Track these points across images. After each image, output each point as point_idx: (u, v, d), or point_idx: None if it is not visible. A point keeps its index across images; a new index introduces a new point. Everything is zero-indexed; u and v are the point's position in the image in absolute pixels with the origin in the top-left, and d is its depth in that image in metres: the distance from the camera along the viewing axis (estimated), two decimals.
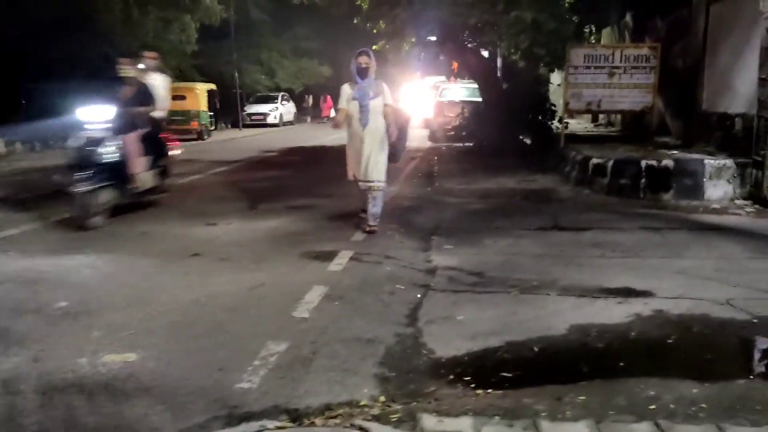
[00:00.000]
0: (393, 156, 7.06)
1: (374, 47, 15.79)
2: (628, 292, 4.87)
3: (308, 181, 11.23)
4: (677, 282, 5.11)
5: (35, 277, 5.27)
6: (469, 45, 14.10)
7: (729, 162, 8.70)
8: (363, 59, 6.69)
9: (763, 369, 3.59)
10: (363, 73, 6.71)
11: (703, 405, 3.02)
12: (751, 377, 3.39)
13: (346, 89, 6.86)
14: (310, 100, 42.42)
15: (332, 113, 45.43)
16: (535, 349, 3.86)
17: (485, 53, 19.55)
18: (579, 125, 19.39)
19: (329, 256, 5.79)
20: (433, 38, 15.55)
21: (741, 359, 3.74)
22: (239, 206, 8.53)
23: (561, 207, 8.51)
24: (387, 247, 6.18)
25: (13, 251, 6.15)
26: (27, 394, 3.20)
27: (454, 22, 11.70)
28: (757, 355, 3.85)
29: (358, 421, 2.80)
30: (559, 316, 4.36)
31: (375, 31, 15.50)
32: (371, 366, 3.53)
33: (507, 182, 10.45)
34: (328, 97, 38.11)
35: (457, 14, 11.31)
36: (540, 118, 14.48)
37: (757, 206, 8.12)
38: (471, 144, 16.43)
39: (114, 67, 8.08)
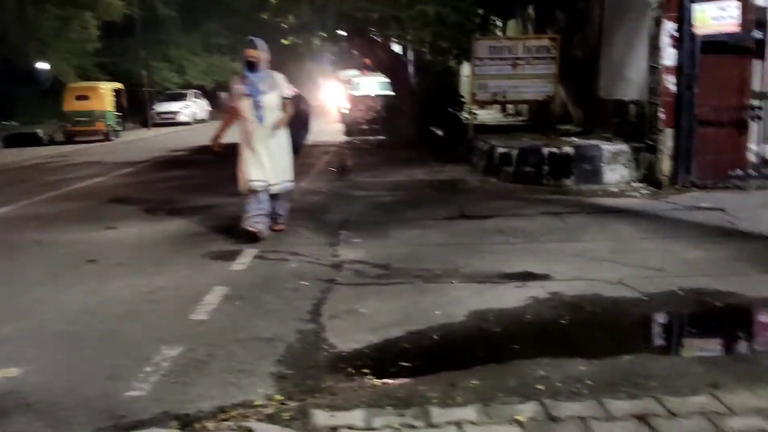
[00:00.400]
0: (294, 149, 6.64)
1: (285, 42, 15.64)
2: (526, 277, 5.01)
3: (215, 180, 10.92)
4: (574, 264, 5.30)
5: None
6: (376, 39, 14.15)
7: (624, 147, 9.09)
8: (249, 52, 6.14)
9: (648, 344, 3.77)
10: (252, 66, 6.16)
11: (589, 382, 3.13)
12: (637, 353, 3.53)
13: (235, 85, 6.34)
14: (224, 97, 41.61)
15: None
16: (435, 337, 3.91)
17: (397, 47, 19.71)
18: (489, 116, 19.80)
19: (232, 255, 5.69)
20: (342, 33, 15.56)
21: (628, 336, 3.91)
22: (141, 208, 8.25)
23: (468, 196, 8.68)
24: (293, 244, 6.12)
25: None
26: None
27: (358, 16, 11.71)
28: (643, 331, 4.05)
29: (246, 423, 2.74)
30: (459, 304, 4.44)
31: (284, 25, 15.31)
32: (269, 365, 3.48)
33: (417, 174, 10.57)
34: None
35: (361, 9, 11.32)
36: (450, 109, 14.72)
37: (651, 188, 8.52)
38: (384, 137, 16.56)
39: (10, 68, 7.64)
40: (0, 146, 20.48)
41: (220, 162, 13.80)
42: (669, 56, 8.29)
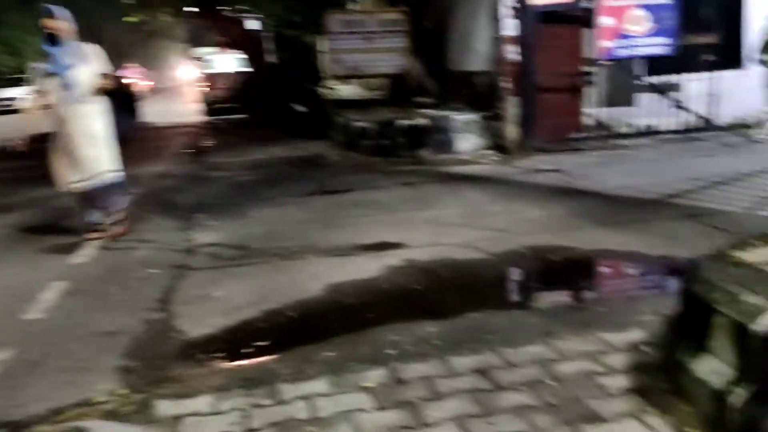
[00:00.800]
0: (122, 137, 5.86)
1: (128, 19, 14.77)
2: (382, 246, 5.09)
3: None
4: (427, 231, 5.45)
5: None
6: (229, 15, 13.70)
7: (474, 116, 9.43)
8: (47, 22, 5.24)
9: (492, 301, 3.95)
10: (53, 39, 5.28)
11: (437, 342, 3.24)
12: (482, 310, 3.70)
13: (38, 66, 5.50)
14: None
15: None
16: (290, 314, 3.88)
17: (255, 23, 19.19)
18: (350, 90, 19.86)
19: (73, 247, 5.32)
20: (191, 9, 14.93)
21: (476, 295, 4.07)
22: None
23: (328, 172, 8.68)
24: (142, 231, 5.84)
25: None
26: None
27: None
28: (489, 290, 4.23)
29: (82, 422, 2.59)
30: (316, 278, 4.43)
31: (127, 1, 14.46)
32: (112, 359, 3.30)
33: (278, 151, 10.41)
34: None
35: None
36: (310, 85, 14.60)
37: (499, 154, 8.91)
38: (243, 115, 16.16)
39: None
40: None
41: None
42: (509, 27, 8.66)
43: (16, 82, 29.91)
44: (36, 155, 5.72)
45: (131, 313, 3.90)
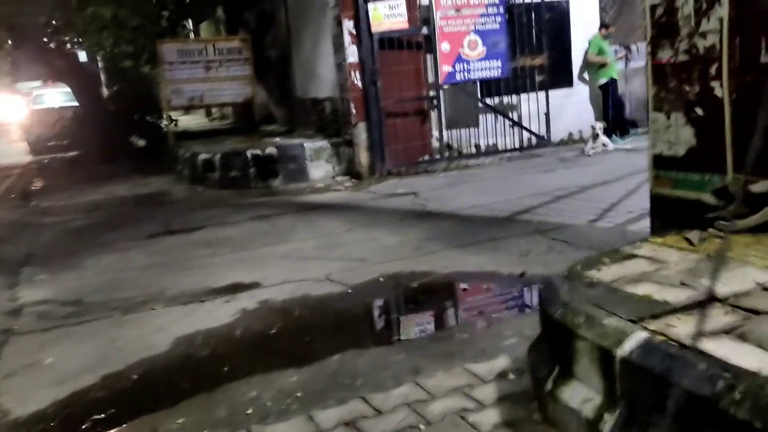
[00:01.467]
0: None
1: None
2: (235, 288, 4.80)
3: None
4: (282, 267, 5.21)
5: None
6: (50, 47, 12.68)
7: (325, 143, 9.34)
8: None
9: (354, 339, 3.78)
10: None
11: (299, 393, 3.02)
12: (344, 350, 3.52)
13: None
14: None
15: None
16: (135, 376, 3.49)
17: (82, 54, 17.96)
18: (194, 121, 19.15)
19: None
20: (16, 42, 13.68)
21: (337, 334, 3.89)
22: None
23: (173, 209, 8.20)
24: None
25: None
26: None
27: (23, 22, 10.33)
28: (350, 327, 4.07)
29: None
30: (163, 331, 4.06)
31: None
32: None
33: (117, 190, 9.72)
34: None
35: (25, 13, 9.99)
36: (148, 117, 13.84)
37: (353, 180, 8.87)
38: (76, 153, 14.99)
39: None
40: None
41: None
42: (351, 53, 8.68)
43: None
44: None
45: None
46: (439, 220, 6.41)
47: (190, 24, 17.11)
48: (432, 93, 9.23)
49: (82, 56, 17.87)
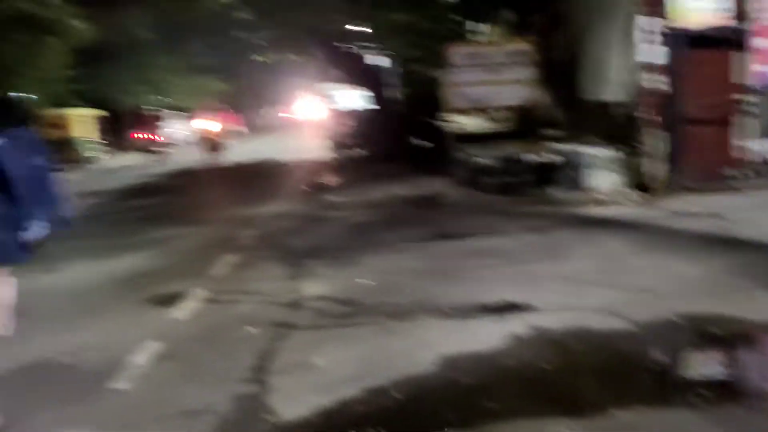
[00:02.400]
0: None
1: (260, 58, 15.13)
2: (505, 308, 4.45)
3: (181, 208, 10.41)
4: (559, 290, 4.74)
5: None
6: (351, 52, 13.63)
7: (611, 151, 8.54)
8: None
9: (643, 392, 3.18)
10: None
11: None
12: (631, 406, 2.96)
13: None
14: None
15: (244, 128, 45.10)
16: (397, 395, 3.33)
17: (385, 60, 19.17)
18: (474, 123, 19.30)
19: (175, 299, 5.06)
20: (315, 47, 15.06)
21: (621, 382, 3.32)
22: (93, 244, 7.58)
23: (448, 212, 8.16)
24: (248, 280, 5.53)
25: None
26: None
27: (325, 29, 11.18)
28: (638, 376, 3.44)
29: None
30: (428, 347, 3.87)
31: (261, 42, 14.81)
32: None
33: (396, 190, 10.01)
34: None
35: (326, 21, 10.79)
36: (431, 119, 14.18)
37: (640, 194, 7.97)
38: (366, 152, 16.01)
39: None
40: None
41: (189, 189, 13.33)
42: (653, 54, 7.77)
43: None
44: (173, 191, 5.57)
45: (221, 386, 3.49)
46: (748, 250, 5.38)
47: (478, 26, 17.19)
48: (742, 97, 7.88)
49: (386, 62, 19.02)
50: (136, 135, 30.33)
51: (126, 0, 14.06)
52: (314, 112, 33.53)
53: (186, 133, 33.77)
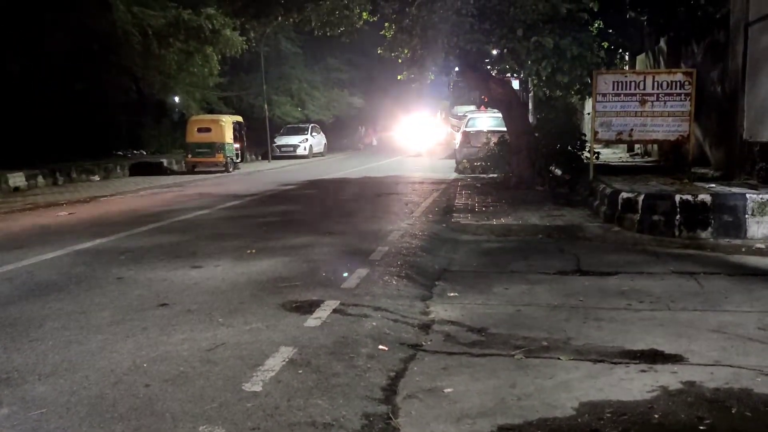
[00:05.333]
0: None
1: (399, 77, 15.36)
2: (654, 357, 4.10)
3: (316, 217, 10.64)
4: (713, 343, 4.31)
5: None
6: (491, 73, 13.46)
7: None
8: None
9: None
10: None
11: None
12: None
13: None
14: (362, 131, 45.73)
15: (374, 141, 46.79)
16: None
17: (515, 82, 18.91)
18: (614, 155, 18.54)
19: (310, 307, 5.10)
20: (455, 68, 15.01)
21: None
22: (234, 245, 7.91)
23: (586, 247, 7.75)
24: (380, 296, 5.47)
25: None
26: None
27: (471, 50, 11.07)
28: None
29: None
30: (567, 390, 3.62)
31: (400, 60, 15.03)
32: None
33: (530, 218, 9.67)
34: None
35: (473, 41, 10.68)
36: (570, 148, 13.71)
37: None
38: (496, 176, 15.77)
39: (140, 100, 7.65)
40: (126, 174, 21.46)
41: (323, 198, 13.65)
42: None
43: (299, 131, 33.45)
44: (310, 201, 5.66)
45: (351, 402, 3.43)
46: None
47: (625, 55, 16.51)
48: None
49: (515, 84, 18.76)
50: (276, 143, 31.76)
51: (277, 13, 14.65)
52: (442, 132, 33.65)
53: (321, 145, 35.02)
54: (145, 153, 25.78)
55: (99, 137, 22.32)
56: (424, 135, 34.41)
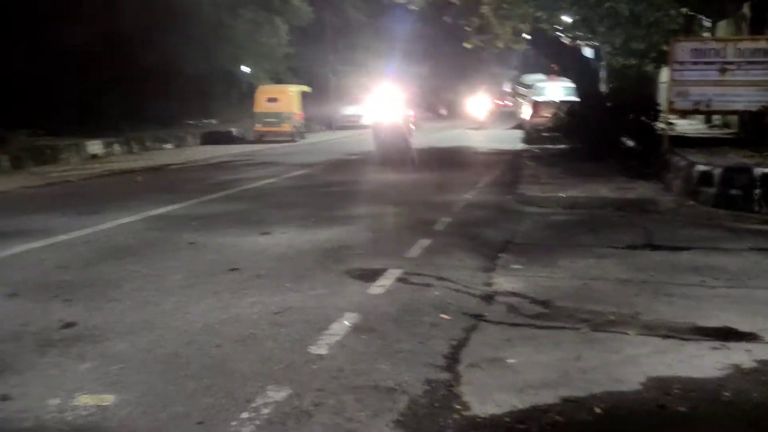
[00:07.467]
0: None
1: (467, 45, 15.13)
2: (727, 335, 3.97)
3: (380, 186, 10.69)
4: None
5: (56, 284, 5.02)
6: (563, 42, 13.08)
7: None
8: None
9: None
10: None
11: None
12: None
13: None
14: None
15: (442, 111, 46.56)
16: (598, 410, 3.08)
17: (588, 51, 18.32)
18: (690, 126, 17.80)
19: (374, 275, 5.17)
20: (526, 35, 14.66)
21: None
22: (300, 213, 8.06)
23: (658, 221, 7.52)
24: (443, 266, 5.48)
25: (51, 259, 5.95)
26: None
27: (542, 17, 10.78)
28: None
29: None
30: (634, 365, 3.55)
31: (468, 28, 14.80)
32: (383, 425, 2.88)
33: (599, 190, 9.44)
34: None
35: (544, 8, 10.39)
36: (643, 119, 13.23)
37: None
38: (566, 146, 15.40)
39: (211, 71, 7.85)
40: (197, 143, 22.03)
41: (388, 168, 13.67)
42: None
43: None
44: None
45: (413, 368, 3.47)
46: None
47: (705, 22, 15.74)
48: None
49: (587, 52, 18.17)
50: (342, 113, 31.93)
51: None
52: (509, 102, 33.06)
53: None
54: (215, 122, 26.37)
55: (171, 107, 22.97)
56: (490, 105, 33.91)
